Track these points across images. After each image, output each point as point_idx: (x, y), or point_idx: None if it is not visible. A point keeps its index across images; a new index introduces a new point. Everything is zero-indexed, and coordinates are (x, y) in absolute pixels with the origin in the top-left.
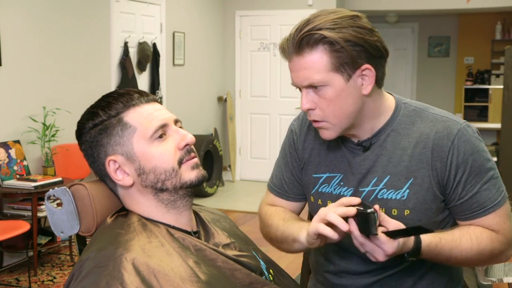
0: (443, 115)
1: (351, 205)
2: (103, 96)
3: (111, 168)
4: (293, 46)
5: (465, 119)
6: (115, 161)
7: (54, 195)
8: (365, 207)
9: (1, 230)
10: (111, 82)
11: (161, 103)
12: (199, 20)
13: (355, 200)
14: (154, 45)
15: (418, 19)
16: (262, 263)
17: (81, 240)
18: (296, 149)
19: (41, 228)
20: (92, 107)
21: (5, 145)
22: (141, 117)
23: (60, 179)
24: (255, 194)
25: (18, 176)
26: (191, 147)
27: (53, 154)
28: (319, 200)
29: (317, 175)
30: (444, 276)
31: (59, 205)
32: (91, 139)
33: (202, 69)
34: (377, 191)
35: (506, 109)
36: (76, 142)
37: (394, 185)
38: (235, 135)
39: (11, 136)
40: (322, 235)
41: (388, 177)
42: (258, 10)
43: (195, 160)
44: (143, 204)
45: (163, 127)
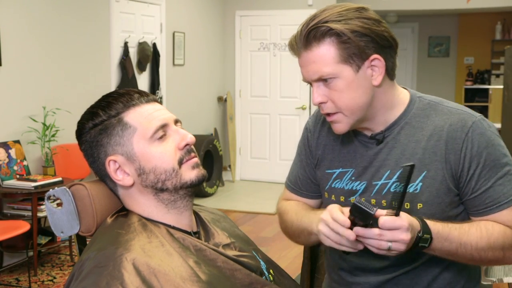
0: (458, 108)
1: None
2: (103, 96)
3: (111, 168)
4: (301, 41)
5: None
6: (115, 161)
7: (54, 195)
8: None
9: (1, 230)
10: (111, 82)
11: (161, 103)
12: (199, 20)
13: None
14: (154, 45)
15: (418, 19)
16: (262, 263)
17: (81, 240)
18: (309, 146)
19: (41, 228)
20: (92, 107)
21: (5, 145)
22: (141, 117)
23: (60, 179)
24: (255, 194)
25: (18, 176)
26: (191, 147)
27: (53, 154)
28: (332, 195)
29: (330, 171)
30: (461, 276)
31: (59, 205)
32: (91, 139)
33: (202, 69)
34: (389, 185)
35: (506, 109)
36: (76, 142)
37: None
38: (235, 135)
39: (11, 136)
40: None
41: (401, 170)
42: (258, 10)
43: (195, 159)
44: (143, 204)
45: (163, 127)
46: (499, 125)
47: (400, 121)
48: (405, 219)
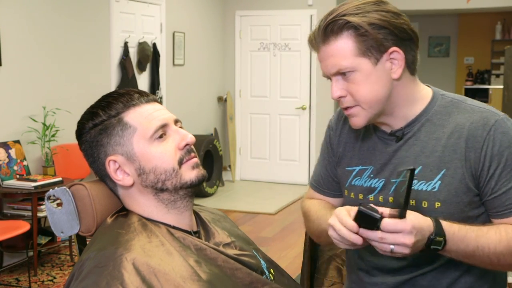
0: (481, 106)
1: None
2: (103, 96)
3: (111, 168)
4: (319, 35)
5: None
6: (115, 161)
7: (54, 195)
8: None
9: (1, 230)
10: (111, 82)
11: (161, 103)
12: (199, 20)
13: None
14: (154, 45)
15: (418, 19)
16: (262, 262)
17: (81, 240)
18: (331, 144)
19: (41, 228)
20: (92, 107)
21: (5, 145)
22: (141, 117)
23: (60, 179)
24: (255, 194)
25: (18, 176)
26: (191, 147)
27: (53, 154)
28: (352, 193)
29: (350, 168)
30: (484, 280)
31: (59, 205)
32: (91, 139)
33: (202, 69)
34: None
35: (506, 109)
36: (76, 142)
37: (425, 176)
38: (235, 135)
39: (11, 136)
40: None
41: (420, 168)
42: (258, 10)
43: (195, 159)
44: (143, 204)
45: (163, 127)
46: None
47: (421, 117)
48: (408, 222)
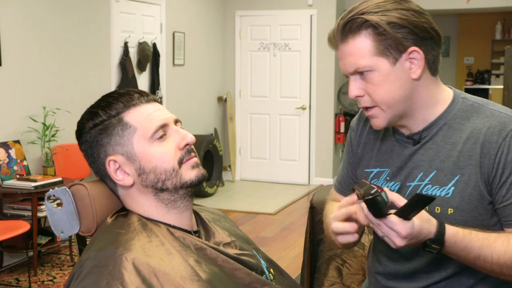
0: (502, 111)
1: (359, 191)
2: (103, 96)
3: (111, 168)
4: (338, 34)
5: None
6: (115, 161)
7: (54, 195)
8: (370, 189)
9: (1, 230)
10: (111, 82)
11: (161, 103)
12: (199, 20)
13: (352, 199)
14: (154, 45)
15: None
16: (263, 262)
17: (81, 240)
18: (352, 145)
19: (41, 228)
20: (92, 107)
21: (5, 145)
22: (141, 117)
23: (60, 179)
24: (255, 194)
25: (18, 176)
26: (191, 147)
27: (53, 154)
28: None
29: (368, 170)
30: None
31: (59, 205)
32: (91, 139)
33: (202, 69)
34: (422, 187)
35: None
36: (76, 142)
37: (439, 181)
38: (235, 135)
39: (11, 136)
40: (345, 232)
41: (434, 172)
42: (258, 10)
43: (195, 159)
44: (143, 204)
45: (163, 127)
46: None
47: (439, 121)
48: (407, 228)
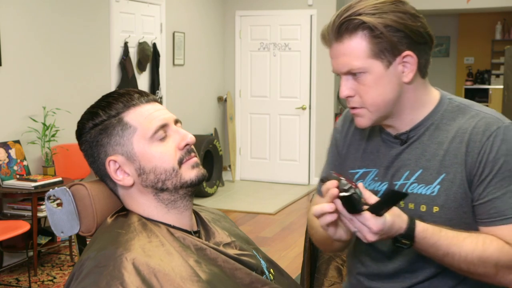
0: (487, 112)
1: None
2: (103, 96)
3: (111, 168)
4: (333, 32)
5: None
6: (115, 161)
7: (54, 195)
8: (344, 185)
9: (1, 230)
10: (111, 82)
11: (161, 103)
12: (199, 20)
13: (333, 184)
14: (154, 45)
15: None
16: (263, 262)
17: (81, 240)
18: (337, 146)
19: (41, 228)
20: (92, 107)
21: (5, 145)
22: (141, 117)
23: (60, 179)
24: (255, 194)
25: (18, 176)
26: (191, 147)
27: (53, 154)
28: None
29: (353, 171)
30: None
31: (59, 205)
32: (91, 139)
33: (202, 69)
34: (408, 185)
35: (506, 109)
36: (76, 142)
37: (425, 180)
38: (235, 135)
39: (11, 136)
40: (331, 224)
41: (420, 171)
42: (258, 10)
43: (195, 159)
44: (143, 204)
45: (164, 127)
46: None
47: (426, 121)
48: (378, 224)
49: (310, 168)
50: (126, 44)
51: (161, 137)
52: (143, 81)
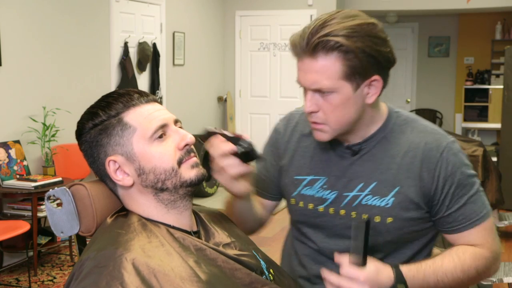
0: (433, 128)
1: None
2: (103, 96)
3: (111, 168)
4: (307, 46)
5: (465, 119)
6: (115, 161)
7: (54, 195)
8: (236, 140)
9: (1, 230)
10: (111, 82)
11: (161, 103)
12: (199, 20)
13: (221, 139)
14: (154, 45)
15: (418, 19)
16: (262, 262)
17: (81, 240)
18: (277, 148)
19: (41, 228)
20: (92, 107)
21: (5, 145)
22: (141, 117)
23: (60, 179)
24: None
25: (18, 176)
26: (191, 147)
27: (53, 154)
28: (301, 202)
29: (300, 177)
30: None
31: (59, 205)
32: (91, 139)
33: (202, 69)
34: (361, 197)
35: (506, 109)
36: (76, 142)
37: (379, 192)
38: None
39: (11, 136)
40: (236, 175)
41: (374, 183)
42: (258, 10)
43: (195, 159)
44: (143, 204)
45: (163, 127)
46: (499, 125)
47: (378, 134)
48: (364, 273)
49: None
50: (126, 44)
51: (161, 137)
52: (143, 81)
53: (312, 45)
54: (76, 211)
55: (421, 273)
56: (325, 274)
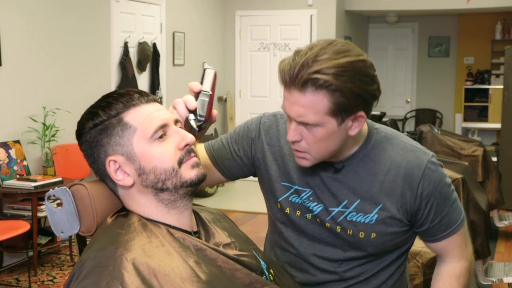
0: (413, 144)
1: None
2: (103, 96)
3: (111, 168)
4: (297, 80)
5: (465, 119)
6: (115, 161)
7: (54, 195)
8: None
9: (1, 230)
10: (111, 82)
11: (161, 103)
12: (199, 20)
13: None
14: (154, 45)
15: (418, 19)
16: (262, 262)
17: (81, 240)
18: (259, 141)
19: (41, 228)
20: (92, 107)
21: (5, 145)
22: (141, 117)
23: (60, 179)
24: (255, 194)
25: (18, 176)
26: (191, 147)
27: (53, 154)
28: (288, 208)
29: (287, 184)
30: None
31: (59, 205)
32: (91, 139)
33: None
34: (346, 213)
35: (506, 109)
36: (76, 142)
37: (363, 209)
38: None
39: (11, 136)
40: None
41: (358, 201)
42: (258, 10)
43: (195, 159)
44: (143, 204)
45: (163, 127)
46: (499, 125)
47: (359, 153)
48: None
49: None
50: (126, 44)
51: (161, 137)
52: (143, 81)
53: (301, 80)
54: (76, 211)
55: None
56: None
